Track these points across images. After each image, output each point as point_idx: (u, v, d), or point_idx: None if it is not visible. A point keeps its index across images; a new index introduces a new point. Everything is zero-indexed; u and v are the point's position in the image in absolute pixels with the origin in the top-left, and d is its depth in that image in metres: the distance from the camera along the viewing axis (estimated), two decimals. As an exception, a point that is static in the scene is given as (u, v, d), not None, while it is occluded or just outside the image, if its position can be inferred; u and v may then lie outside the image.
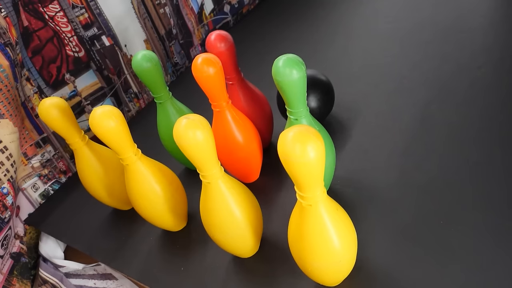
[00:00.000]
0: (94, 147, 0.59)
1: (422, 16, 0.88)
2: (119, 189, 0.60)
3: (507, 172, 0.53)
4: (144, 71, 0.57)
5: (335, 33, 0.94)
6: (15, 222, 0.67)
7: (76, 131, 0.57)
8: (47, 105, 0.53)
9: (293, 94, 0.45)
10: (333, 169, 0.55)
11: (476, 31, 0.79)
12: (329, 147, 0.52)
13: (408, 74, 0.74)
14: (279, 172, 0.63)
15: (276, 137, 0.52)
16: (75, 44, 0.74)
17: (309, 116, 0.48)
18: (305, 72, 0.44)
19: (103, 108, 0.47)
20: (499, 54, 0.72)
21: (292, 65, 0.43)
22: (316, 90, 0.63)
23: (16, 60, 0.63)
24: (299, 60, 0.44)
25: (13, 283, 0.62)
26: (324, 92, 0.64)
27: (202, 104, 0.84)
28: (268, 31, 1.03)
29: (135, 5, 0.84)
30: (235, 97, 0.61)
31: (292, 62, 0.43)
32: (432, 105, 0.66)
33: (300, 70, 0.44)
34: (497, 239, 0.47)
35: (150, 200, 0.53)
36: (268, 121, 0.65)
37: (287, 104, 0.47)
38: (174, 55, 0.94)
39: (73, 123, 0.56)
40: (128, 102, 0.86)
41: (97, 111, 0.47)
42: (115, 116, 0.47)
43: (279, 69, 0.44)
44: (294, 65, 0.43)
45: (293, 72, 0.43)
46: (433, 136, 0.61)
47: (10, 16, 0.63)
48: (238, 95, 0.61)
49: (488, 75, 0.68)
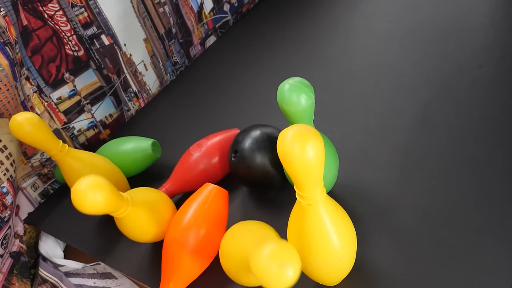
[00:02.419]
0: (76, 155, 0.59)
1: (422, 15, 0.88)
2: None
3: (507, 172, 0.53)
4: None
5: (335, 32, 0.93)
6: (15, 221, 0.67)
7: (53, 143, 0.56)
8: (18, 122, 0.52)
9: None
10: (336, 175, 0.54)
11: (477, 30, 0.79)
12: (331, 153, 0.51)
13: (408, 73, 0.74)
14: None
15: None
16: (75, 43, 0.74)
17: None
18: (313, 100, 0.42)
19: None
20: (500, 53, 0.71)
21: (299, 91, 0.41)
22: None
23: (15, 59, 0.63)
24: (307, 84, 0.42)
25: (13, 282, 0.62)
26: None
27: (202, 103, 0.84)
28: (268, 28, 1.02)
29: (135, 4, 0.84)
30: None
31: (299, 88, 0.41)
32: (433, 104, 0.66)
33: (309, 96, 0.42)
34: (497, 239, 0.47)
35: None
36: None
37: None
38: (173, 54, 0.94)
39: (48, 136, 0.55)
40: (127, 101, 0.86)
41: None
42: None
43: (284, 95, 0.42)
44: (301, 91, 0.41)
45: (301, 99, 0.41)
46: (434, 136, 0.61)
47: (9, 15, 0.63)
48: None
49: (489, 74, 0.68)
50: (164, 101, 0.89)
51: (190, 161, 0.61)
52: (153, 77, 0.91)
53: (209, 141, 0.63)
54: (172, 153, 0.68)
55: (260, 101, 0.79)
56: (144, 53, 0.87)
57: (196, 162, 0.61)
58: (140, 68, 0.87)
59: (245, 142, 0.56)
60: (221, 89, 0.86)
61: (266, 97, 0.79)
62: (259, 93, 0.81)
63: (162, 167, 0.69)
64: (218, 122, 0.77)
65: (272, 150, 0.55)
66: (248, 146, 0.55)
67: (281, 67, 0.87)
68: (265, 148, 0.55)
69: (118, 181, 0.63)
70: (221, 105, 0.81)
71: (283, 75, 0.83)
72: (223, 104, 0.81)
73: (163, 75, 0.93)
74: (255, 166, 0.55)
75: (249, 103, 0.80)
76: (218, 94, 0.85)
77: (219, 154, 0.62)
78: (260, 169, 0.55)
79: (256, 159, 0.55)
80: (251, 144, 0.55)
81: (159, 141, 0.70)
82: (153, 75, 0.90)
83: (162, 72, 0.92)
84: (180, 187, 0.61)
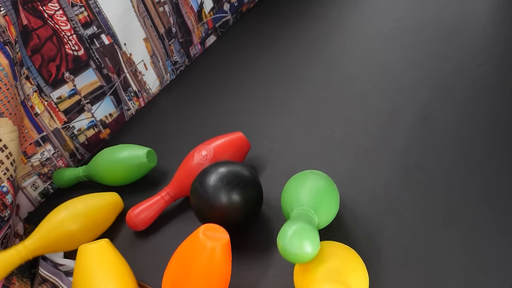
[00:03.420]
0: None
1: (422, 15, 0.88)
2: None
3: (508, 171, 0.53)
4: None
5: (333, 31, 0.93)
6: (15, 221, 0.67)
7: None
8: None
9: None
10: (337, 210, 0.51)
11: (478, 30, 0.79)
12: (333, 195, 0.50)
13: (408, 73, 0.74)
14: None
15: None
16: (75, 42, 0.74)
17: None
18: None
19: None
20: (500, 53, 0.71)
21: (303, 238, 0.41)
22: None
23: (15, 58, 0.63)
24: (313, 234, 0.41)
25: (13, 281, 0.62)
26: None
27: (202, 102, 0.84)
28: (268, 28, 1.02)
29: (135, 4, 0.84)
30: None
31: (302, 235, 0.41)
32: (433, 104, 0.66)
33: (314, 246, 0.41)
34: (498, 238, 0.47)
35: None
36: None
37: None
38: (173, 53, 0.94)
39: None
40: (127, 101, 0.86)
41: None
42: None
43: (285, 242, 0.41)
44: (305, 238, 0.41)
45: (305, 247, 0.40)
46: (434, 135, 0.61)
47: (9, 14, 0.62)
48: None
49: (489, 74, 0.68)
50: (164, 101, 0.90)
51: (192, 165, 0.60)
52: (153, 77, 0.90)
53: (211, 145, 0.62)
54: (172, 153, 0.68)
55: (260, 100, 0.79)
56: (144, 52, 0.87)
57: (198, 167, 0.60)
58: (140, 68, 0.87)
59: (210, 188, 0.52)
60: (221, 88, 0.86)
61: (266, 96, 0.79)
62: (259, 92, 0.81)
63: (162, 167, 0.69)
64: (219, 121, 0.77)
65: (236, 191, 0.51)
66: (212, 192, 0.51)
67: (281, 66, 0.87)
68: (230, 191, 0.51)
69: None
70: (221, 104, 0.81)
71: (283, 74, 0.84)
72: (223, 103, 0.81)
73: (163, 74, 0.93)
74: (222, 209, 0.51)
75: (249, 102, 0.80)
76: (218, 93, 0.85)
77: (222, 159, 0.61)
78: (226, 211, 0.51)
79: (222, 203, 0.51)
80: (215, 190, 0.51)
81: (159, 141, 0.70)
82: (153, 74, 0.90)
83: (162, 71, 0.92)
84: (181, 191, 0.61)
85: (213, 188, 0.52)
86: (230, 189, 0.51)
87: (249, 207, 0.53)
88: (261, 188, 0.55)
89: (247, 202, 0.52)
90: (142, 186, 0.67)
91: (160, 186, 0.62)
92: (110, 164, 0.67)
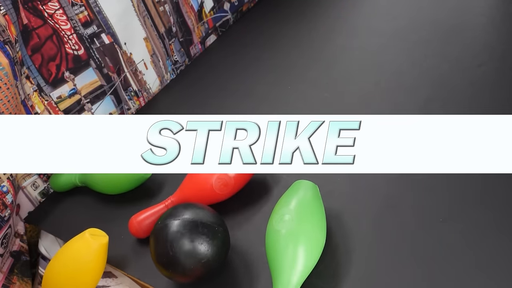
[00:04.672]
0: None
1: (422, 15, 0.88)
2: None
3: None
4: None
5: (333, 31, 0.93)
6: (15, 221, 0.67)
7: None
8: None
9: None
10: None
11: (478, 29, 0.79)
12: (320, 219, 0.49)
13: (408, 73, 0.74)
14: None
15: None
16: (75, 42, 0.74)
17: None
18: None
19: None
20: (500, 53, 0.71)
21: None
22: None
23: (15, 58, 0.63)
24: None
25: (13, 281, 0.62)
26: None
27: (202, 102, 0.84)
28: (268, 27, 1.02)
29: (135, 3, 0.84)
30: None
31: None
32: (433, 103, 0.66)
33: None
34: (498, 237, 0.47)
35: None
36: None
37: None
38: (174, 53, 0.94)
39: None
40: (128, 100, 0.86)
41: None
42: None
43: None
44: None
45: None
46: (433, 135, 0.61)
47: (9, 13, 0.62)
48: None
49: (489, 73, 0.68)
50: (165, 100, 0.90)
51: (207, 187, 0.57)
52: (153, 76, 0.91)
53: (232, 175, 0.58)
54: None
55: (260, 100, 0.79)
56: (144, 52, 0.87)
57: (206, 178, 0.57)
58: (140, 67, 0.87)
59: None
60: (221, 87, 0.86)
61: (266, 96, 0.79)
62: (259, 92, 0.81)
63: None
64: (218, 121, 0.77)
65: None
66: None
67: (281, 66, 0.87)
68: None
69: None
70: (221, 103, 0.81)
71: (283, 74, 0.84)
72: (223, 103, 0.81)
73: (163, 74, 0.93)
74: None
75: (249, 101, 0.80)
76: (219, 93, 0.85)
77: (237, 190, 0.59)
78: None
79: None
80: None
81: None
82: (153, 74, 0.90)
83: (162, 71, 0.92)
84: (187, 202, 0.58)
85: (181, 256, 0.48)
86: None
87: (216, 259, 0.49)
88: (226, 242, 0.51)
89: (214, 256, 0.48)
90: (140, 193, 0.66)
91: (160, 192, 0.62)
92: (105, 175, 0.65)
